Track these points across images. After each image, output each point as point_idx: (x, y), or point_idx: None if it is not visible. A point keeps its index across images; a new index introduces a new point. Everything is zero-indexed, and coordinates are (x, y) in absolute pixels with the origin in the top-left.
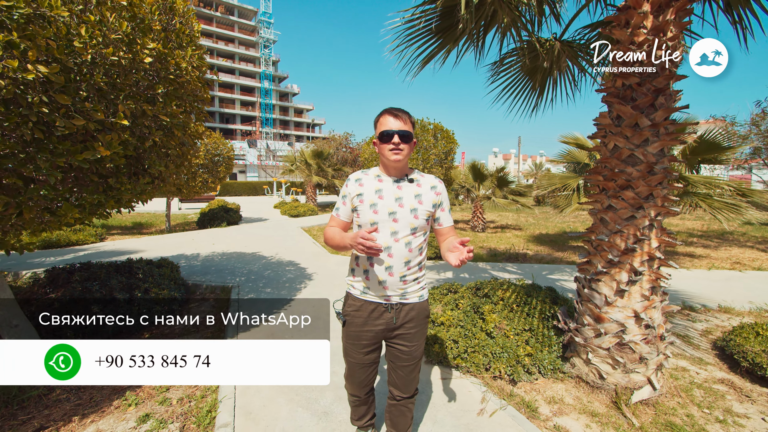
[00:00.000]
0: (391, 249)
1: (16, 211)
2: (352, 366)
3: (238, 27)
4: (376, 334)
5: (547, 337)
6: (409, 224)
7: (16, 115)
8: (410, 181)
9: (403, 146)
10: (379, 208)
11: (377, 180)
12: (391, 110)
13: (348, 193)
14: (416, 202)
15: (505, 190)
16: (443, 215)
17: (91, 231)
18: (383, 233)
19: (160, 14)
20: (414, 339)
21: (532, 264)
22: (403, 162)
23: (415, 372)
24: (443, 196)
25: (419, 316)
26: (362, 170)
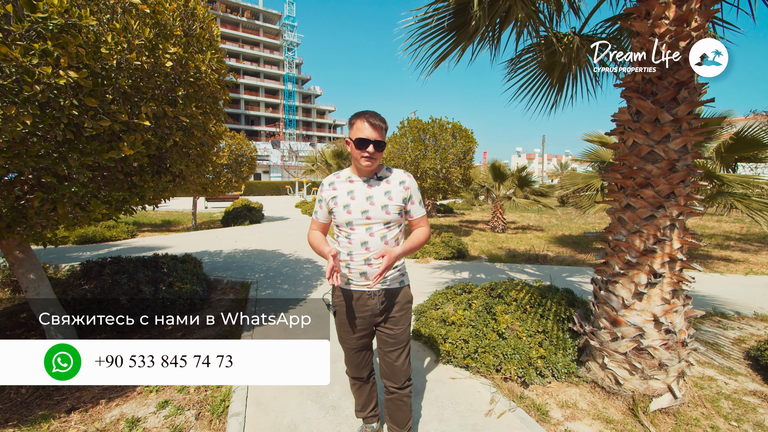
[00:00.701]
0: (368, 243)
1: (52, 206)
2: (348, 351)
3: (263, 31)
4: (364, 319)
5: (562, 340)
6: (381, 219)
7: (49, 117)
8: (379, 179)
9: (376, 155)
10: (352, 208)
11: (348, 182)
12: (369, 118)
13: (323, 197)
14: (386, 198)
15: (527, 191)
16: (413, 207)
17: (124, 228)
18: (359, 230)
19: (182, 20)
20: (399, 322)
21: (552, 266)
22: (374, 167)
23: (402, 358)
24: (412, 190)
25: (403, 299)
26: (335, 173)
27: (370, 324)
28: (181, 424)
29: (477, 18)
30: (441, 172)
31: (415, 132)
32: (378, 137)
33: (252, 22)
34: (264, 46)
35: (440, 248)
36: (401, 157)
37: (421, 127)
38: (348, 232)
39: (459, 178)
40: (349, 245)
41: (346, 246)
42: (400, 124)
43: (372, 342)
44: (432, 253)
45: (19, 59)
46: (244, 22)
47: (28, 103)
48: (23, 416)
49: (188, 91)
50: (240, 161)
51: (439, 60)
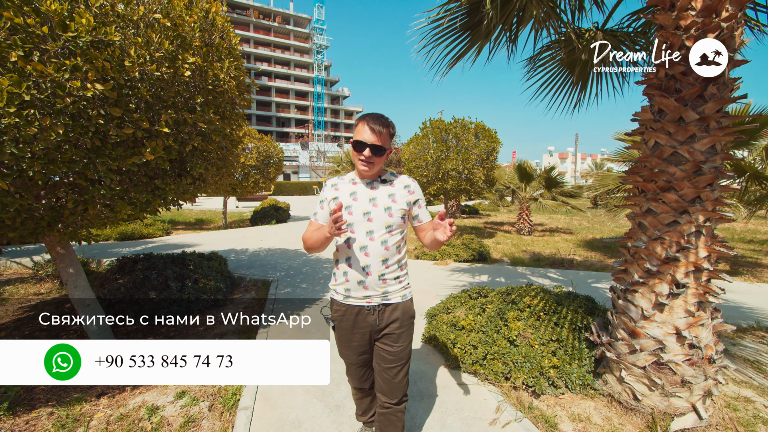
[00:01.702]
0: (367, 248)
1: (84, 207)
2: (349, 366)
3: (293, 35)
4: (364, 335)
5: (578, 350)
6: (384, 223)
7: (79, 126)
8: (383, 182)
9: (375, 159)
10: (354, 209)
11: (351, 183)
12: (369, 122)
13: (325, 197)
14: (390, 200)
15: (555, 192)
16: (421, 212)
17: (160, 226)
18: (359, 233)
19: (201, 31)
20: (399, 340)
21: (578, 270)
22: (372, 172)
23: (400, 376)
24: (417, 194)
25: (404, 316)
26: (338, 176)
27: (371, 339)
28: (195, 414)
29: (489, 17)
30: (463, 173)
31: (437, 133)
32: (376, 141)
33: (283, 27)
34: (294, 50)
35: (460, 250)
36: (423, 158)
37: (443, 128)
38: (347, 235)
39: (482, 178)
40: (348, 250)
41: (345, 251)
42: (422, 124)
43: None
44: (452, 255)
45: (53, 75)
46: (276, 27)
47: (61, 114)
48: (61, 398)
49: (207, 98)
50: (267, 162)
51: (454, 61)
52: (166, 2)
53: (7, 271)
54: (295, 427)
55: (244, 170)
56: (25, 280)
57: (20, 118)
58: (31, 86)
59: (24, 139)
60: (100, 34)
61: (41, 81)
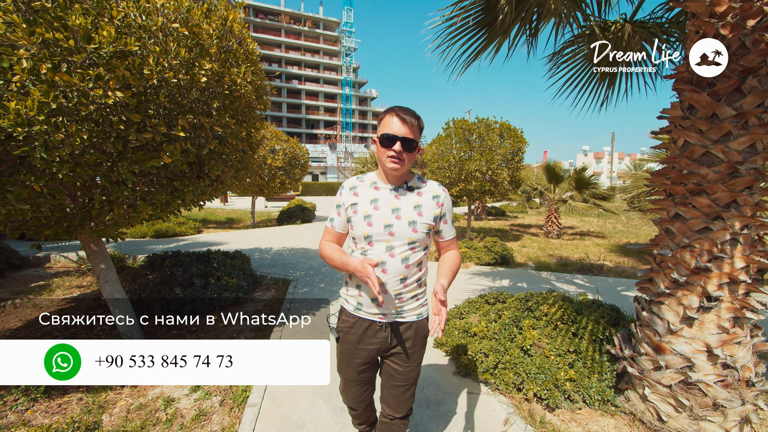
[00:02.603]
0: (385, 264)
1: (110, 207)
2: (347, 382)
3: (323, 39)
4: (370, 352)
5: (598, 363)
6: (407, 238)
7: (102, 132)
8: (410, 190)
9: (405, 155)
10: (374, 219)
11: (373, 188)
12: (399, 112)
13: (342, 202)
14: (416, 213)
15: (586, 193)
16: (445, 228)
17: (191, 225)
18: (378, 247)
19: (219, 39)
20: (410, 359)
21: (608, 277)
22: (402, 171)
23: (408, 393)
24: (446, 207)
25: (417, 335)
26: (357, 177)
27: (377, 356)
28: (207, 408)
29: (505, 12)
30: (487, 174)
31: (461, 133)
32: (408, 134)
33: (313, 31)
34: (323, 53)
35: (482, 253)
36: (445, 159)
37: (467, 128)
38: (365, 248)
39: (507, 179)
40: None
41: None
42: (445, 125)
43: (375, 377)
44: (473, 258)
45: (78, 84)
46: (306, 32)
47: (85, 121)
48: (90, 385)
49: (224, 102)
50: (293, 164)
51: (471, 59)
52: (185, 12)
53: (56, 265)
54: (299, 427)
55: (271, 171)
56: (71, 273)
57: (49, 125)
58: (58, 95)
59: (53, 144)
60: (121, 45)
61: (68, 90)
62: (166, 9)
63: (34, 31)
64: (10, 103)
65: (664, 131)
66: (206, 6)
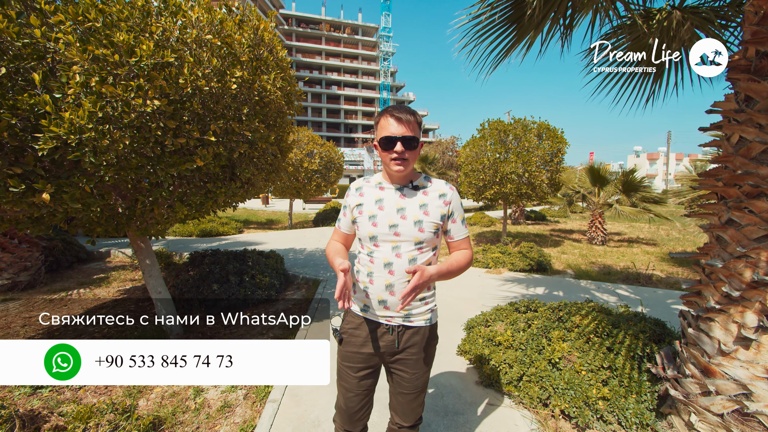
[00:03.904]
0: (392, 266)
1: (151, 207)
2: (345, 393)
3: (361, 44)
4: (374, 356)
5: (636, 382)
6: (413, 238)
7: (141, 137)
8: (415, 189)
9: (408, 154)
10: (379, 220)
11: (378, 188)
12: (394, 112)
13: (348, 203)
14: (421, 213)
15: (635, 197)
16: (454, 227)
17: (233, 225)
18: (384, 248)
19: (250, 47)
20: (416, 366)
21: (656, 288)
22: (407, 171)
23: (417, 401)
24: (454, 205)
25: (423, 341)
26: (364, 177)
27: (379, 364)
28: (232, 400)
29: (533, 7)
30: (524, 176)
31: (496, 134)
32: (407, 132)
33: (351, 38)
34: (362, 59)
35: (516, 259)
36: (479, 161)
37: (503, 129)
38: (371, 249)
39: (545, 182)
40: (370, 264)
41: (367, 265)
42: (480, 126)
43: (374, 391)
44: (506, 263)
45: (122, 95)
46: (345, 38)
47: (127, 128)
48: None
49: (254, 108)
50: (329, 167)
51: (500, 57)
52: (218, 24)
53: (115, 259)
54: (315, 426)
55: (308, 174)
56: (126, 268)
57: (96, 132)
58: (105, 105)
59: (100, 149)
60: (159, 57)
61: (113, 100)
62: (200, 22)
63: (86, 49)
64: (65, 113)
65: (716, 127)
66: (239, 17)
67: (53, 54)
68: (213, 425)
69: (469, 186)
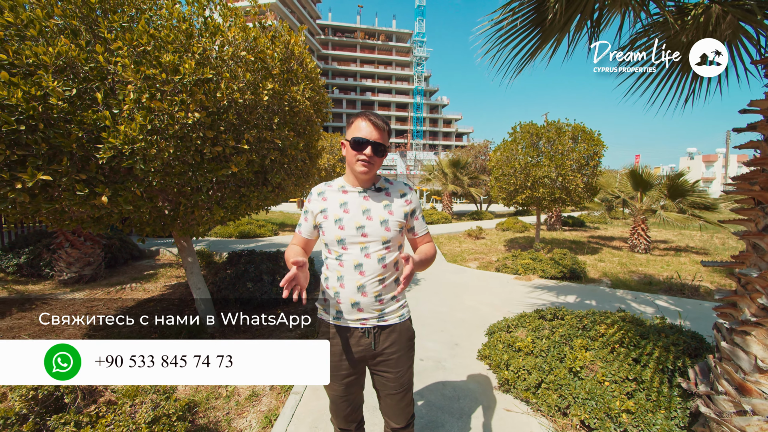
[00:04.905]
0: (362, 266)
1: (191, 210)
2: (335, 399)
3: (395, 50)
4: (355, 362)
5: (666, 397)
6: (380, 237)
7: (183, 146)
8: (378, 191)
9: (375, 160)
10: (345, 223)
11: (341, 192)
12: (370, 116)
13: (310, 209)
14: (386, 212)
15: (683, 203)
16: (417, 224)
17: (270, 227)
18: (352, 250)
19: (281, 61)
20: (399, 364)
21: (702, 301)
22: (371, 174)
23: (405, 401)
24: (414, 203)
25: (401, 338)
26: (325, 182)
27: (363, 367)
28: (259, 390)
29: (554, 10)
30: (557, 181)
31: (527, 137)
32: (378, 138)
33: (386, 44)
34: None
35: (548, 265)
36: (510, 165)
37: (535, 132)
38: (339, 253)
39: (581, 186)
40: (340, 268)
41: (337, 269)
42: (512, 129)
43: (363, 389)
44: (537, 270)
45: (167, 109)
46: (379, 45)
47: (171, 138)
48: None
49: (284, 118)
50: None
51: (525, 61)
52: (252, 41)
53: (163, 258)
54: None
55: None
56: (172, 265)
57: (146, 142)
58: (153, 119)
59: (148, 157)
60: (199, 74)
61: (160, 114)
62: (236, 40)
63: (139, 69)
64: (121, 126)
65: (751, 127)
66: (272, 33)
67: (113, 75)
68: (241, 411)
69: (499, 190)
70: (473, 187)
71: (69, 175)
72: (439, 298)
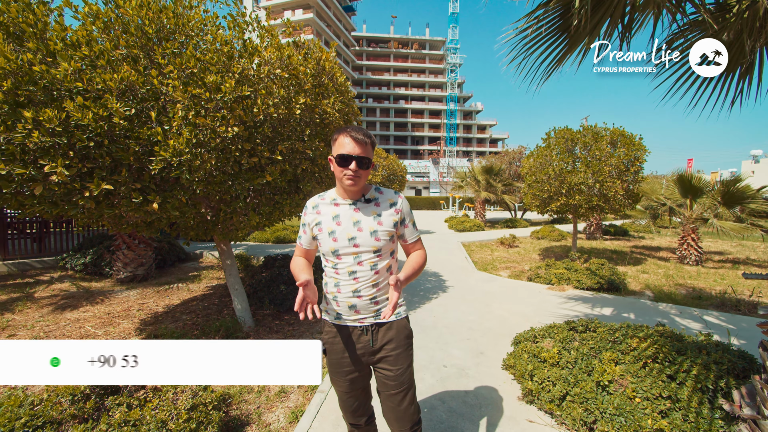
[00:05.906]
0: (356, 273)
1: (230, 216)
2: (341, 395)
3: (428, 58)
4: (357, 358)
5: (705, 419)
6: (371, 247)
7: (223, 158)
8: (367, 202)
9: (361, 173)
10: (338, 234)
11: (334, 205)
12: (351, 132)
13: (307, 222)
14: (376, 223)
15: (741, 211)
16: (407, 231)
17: None
18: (346, 260)
19: (313, 77)
20: (398, 361)
21: (761, 319)
22: (358, 187)
23: (406, 402)
24: (405, 212)
25: (399, 335)
26: (319, 195)
27: (365, 363)
28: (288, 387)
29: (580, 16)
30: (594, 187)
31: (562, 143)
32: (362, 153)
33: (419, 53)
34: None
35: (583, 276)
36: (543, 172)
37: (570, 137)
38: (335, 262)
39: (620, 193)
40: (336, 275)
41: (333, 276)
42: (545, 135)
43: (369, 385)
44: (571, 280)
45: (210, 124)
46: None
47: (213, 150)
48: None
49: (315, 129)
50: (392, 179)
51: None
52: (286, 59)
53: (206, 260)
54: None
55: None
56: (214, 268)
57: (191, 154)
58: (198, 133)
59: (193, 168)
60: (238, 92)
61: (204, 129)
62: (272, 59)
63: (187, 89)
64: (171, 141)
65: None
66: (304, 51)
67: (164, 95)
68: (271, 406)
69: (532, 197)
70: (507, 195)
71: (127, 184)
72: (468, 306)
